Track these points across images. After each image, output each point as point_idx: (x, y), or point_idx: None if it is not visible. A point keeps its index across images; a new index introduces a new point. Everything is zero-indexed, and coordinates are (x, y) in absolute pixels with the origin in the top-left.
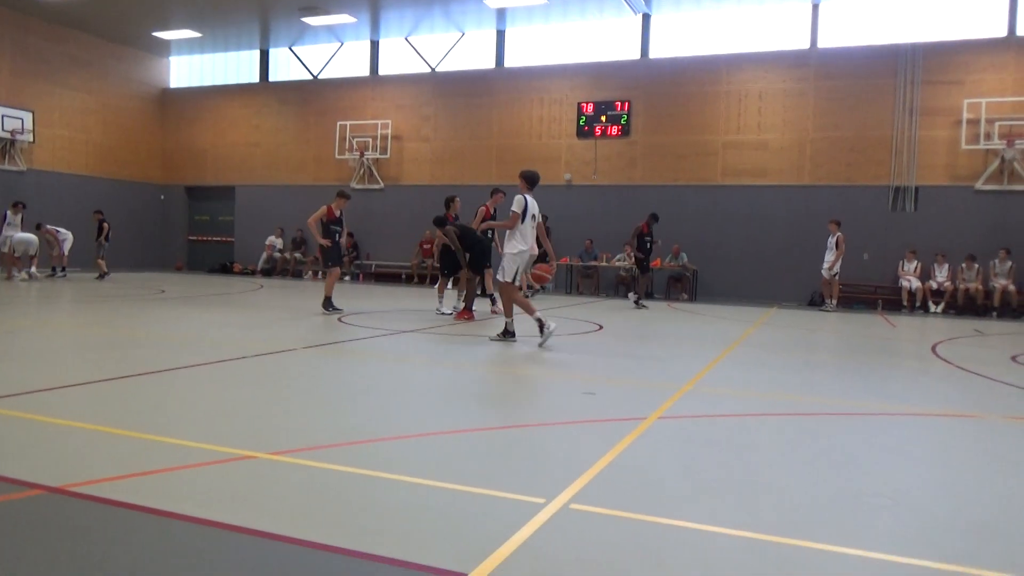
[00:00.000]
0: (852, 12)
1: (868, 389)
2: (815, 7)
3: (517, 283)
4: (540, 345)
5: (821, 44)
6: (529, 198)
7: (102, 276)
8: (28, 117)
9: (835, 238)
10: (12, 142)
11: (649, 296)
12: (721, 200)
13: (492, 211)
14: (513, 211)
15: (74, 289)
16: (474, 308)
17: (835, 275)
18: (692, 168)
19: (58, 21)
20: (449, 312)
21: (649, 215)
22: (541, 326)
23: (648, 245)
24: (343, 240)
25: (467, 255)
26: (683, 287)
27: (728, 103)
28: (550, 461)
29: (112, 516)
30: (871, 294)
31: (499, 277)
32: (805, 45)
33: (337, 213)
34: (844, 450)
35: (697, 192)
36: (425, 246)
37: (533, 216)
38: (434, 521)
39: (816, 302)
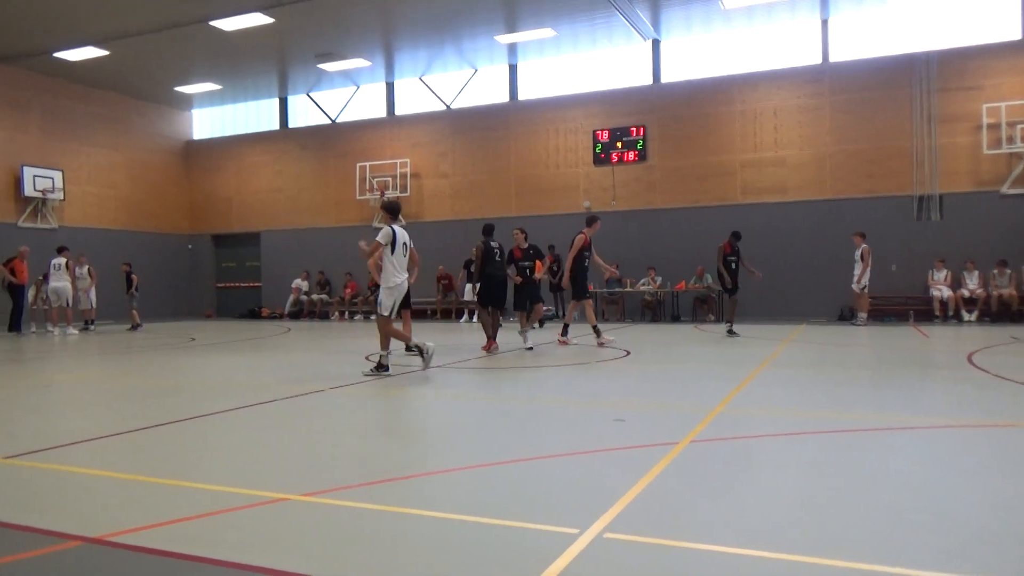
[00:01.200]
0: (862, 24)
1: (904, 402)
2: (824, 22)
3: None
4: (424, 369)
5: (833, 58)
6: (396, 228)
7: (134, 327)
8: (58, 176)
9: (860, 251)
10: (44, 201)
11: (676, 319)
12: (743, 219)
13: (588, 240)
14: (376, 240)
15: (107, 341)
16: (574, 340)
17: (864, 288)
18: (711, 189)
19: (83, 81)
20: (532, 347)
21: (731, 234)
22: (421, 351)
23: (733, 265)
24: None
25: (477, 284)
26: (709, 308)
27: (743, 122)
28: (582, 490)
29: (150, 565)
30: (902, 305)
31: (379, 311)
32: (817, 60)
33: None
34: (883, 466)
35: (718, 212)
36: (443, 281)
37: (405, 245)
38: (468, 556)
39: (846, 317)
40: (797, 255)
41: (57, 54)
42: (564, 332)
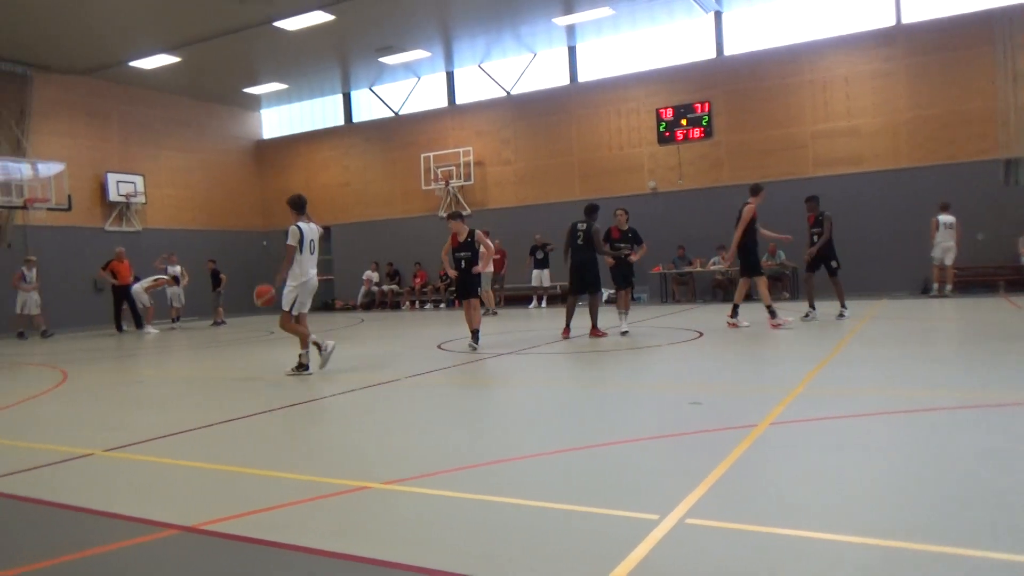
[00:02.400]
0: None
1: (998, 379)
2: None
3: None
4: (322, 367)
5: (906, 19)
6: (303, 226)
7: (217, 323)
8: (139, 180)
9: (933, 220)
10: (127, 205)
11: (748, 298)
12: (816, 191)
13: (755, 212)
14: (288, 244)
15: (193, 337)
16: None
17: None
18: (781, 163)
19: (158, 88)
20: (627, 331)
21: (807, 199)
22: (319, 348)
23: (814, 237)
24: (479, 266)
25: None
26: (783, 286)
27: (813, 92)
28: (661, 476)
29: (243, 552)
30: (991, 276)
31: (284, 307)
32: (890, 22)
33: (461, 238)
34: (979, 446)
35: (789, 187)
36: (495, 256)
37: (312, 242)
38: (548, 543)
39: (929, 290)
40: (875, 227)
41: (133, 63)
42: (734, 313)
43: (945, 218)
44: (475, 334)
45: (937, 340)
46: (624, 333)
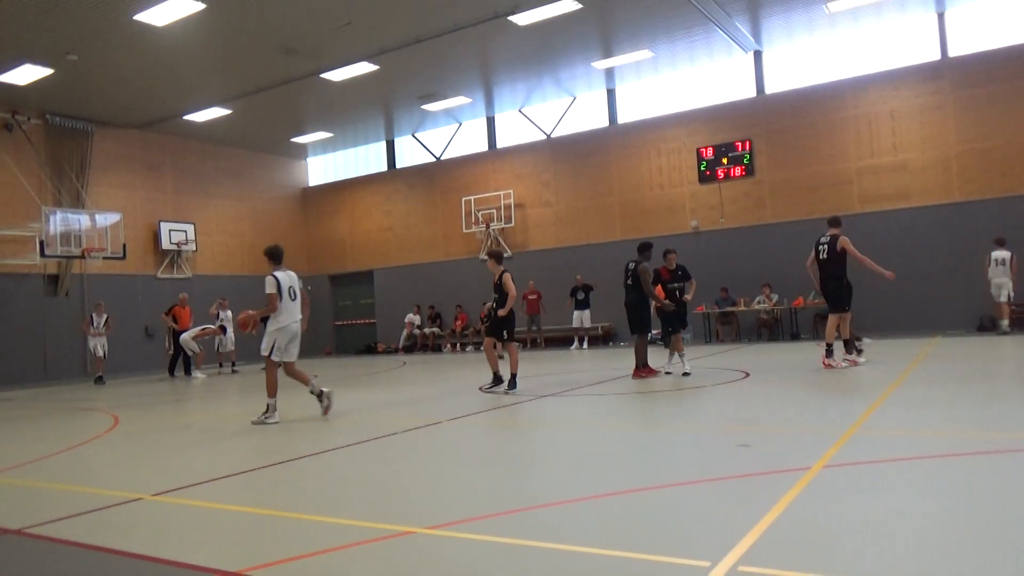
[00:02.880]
0: (982, 14)
1: None
2: (940, 15)
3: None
4: (323, 415)
5: (952, 53)
6: (280, 274)
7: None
8: (191, 229)
9: (986, 256)
10: (179, 252)
11: (795, 337)
12: (862, 228)
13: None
14: (268, 293)
15: (240, 382)
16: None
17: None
18: (826, 200)
19: (210, 140)
20: (689, 372)
21: (829, 221)
22: (319, 397)
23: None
24: (503, 310)
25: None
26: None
27: (858, 127)
28: (712, 520)
29: None
30: None
31: (262, 352)
32: (935, 56)
33: (496, 278)
34: None
35: None
36: (530, 297)
37: (291, 289)
38: None
39: (986, 327)
40: (926, 263)
41: (186, 116)
42: (830, 353)
43: (998, 254)
44: (511, 379)
45: (994, 379)
46: (686, 374)
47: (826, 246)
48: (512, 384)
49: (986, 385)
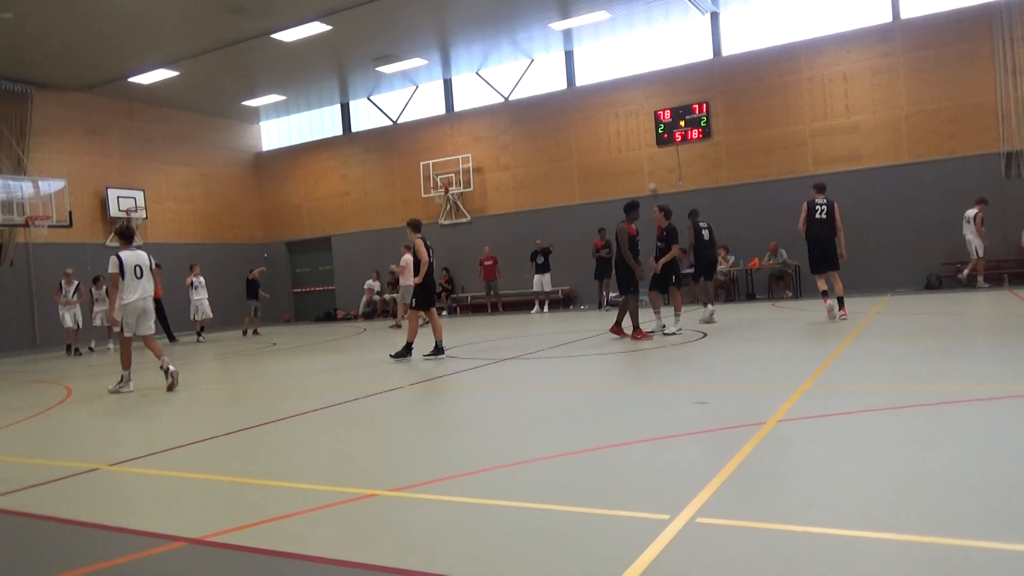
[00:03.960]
0: None
1: (1008, 371)
2: None
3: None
4: (169, 390)
5: (904, 15)
6: (125, 254)
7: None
8: (140, 195)
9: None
10: (128, 220)
11: (751, 298)
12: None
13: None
14: (110, 273)
15: (200, 349)
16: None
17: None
18: (781, 162)
19: (158, 102)
20: (672, 332)
21: (818, 186)
22: (166, 372)
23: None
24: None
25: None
26: (786, 284)
27: (811, 90)
28: (670, 476)
29: (249, 563)
30: (995, 269)
31: (115, 328)
32: (887, 18)
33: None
34: (990, 438)
35: (789, 185)
36: (486, 263)
37: (137, 267)
38: (559, 545)
39: (933, 285)
40: (877, 224)
41: (132, 79)
42: (841, 304)
43: (968, 212)
44: (406, 346)
45: (942, 334)
46: (669, 334)
47: (825, 207)
48: (407, 352)
49: (933, 340)
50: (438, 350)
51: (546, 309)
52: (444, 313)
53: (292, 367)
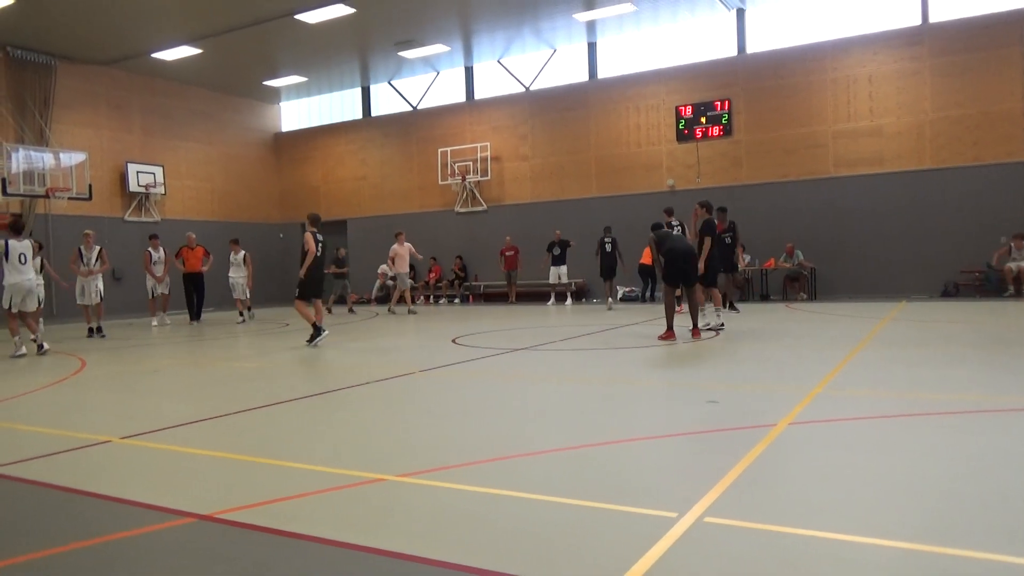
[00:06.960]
0: None
1: (1020, 383)
2: None
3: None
4: (12, 356)
5: (933, 18)
6: (11, 243)
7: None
8: (159, 171)
9: None
10: (147, 196)
11: (765, 298)
12: (835, 193)
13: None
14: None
15: (207, 329)
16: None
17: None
18: (801, 162)
19: (179, 79)
20: (719, 326)
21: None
22: (40, 348)
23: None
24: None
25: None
26: (801, 286)
27: (835, 91)
28: (679, 474)
29: (256, 541)
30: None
31: (3, 305)
32: (916, 21)
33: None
34: (996, 449)
35: (809, 187)
36: (507, 253)
37: (21, 255)
38: (565, 539)
39: (950, 292)
40: (896, 229)
41: (155, 54)
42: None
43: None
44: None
45: (957, 343)
46: (712, 330)
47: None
48: (317, 332)
49: (948, 349)
50: (317, 331)
51: (570, 302)
52: (457, 300)
53: (305, 348)
